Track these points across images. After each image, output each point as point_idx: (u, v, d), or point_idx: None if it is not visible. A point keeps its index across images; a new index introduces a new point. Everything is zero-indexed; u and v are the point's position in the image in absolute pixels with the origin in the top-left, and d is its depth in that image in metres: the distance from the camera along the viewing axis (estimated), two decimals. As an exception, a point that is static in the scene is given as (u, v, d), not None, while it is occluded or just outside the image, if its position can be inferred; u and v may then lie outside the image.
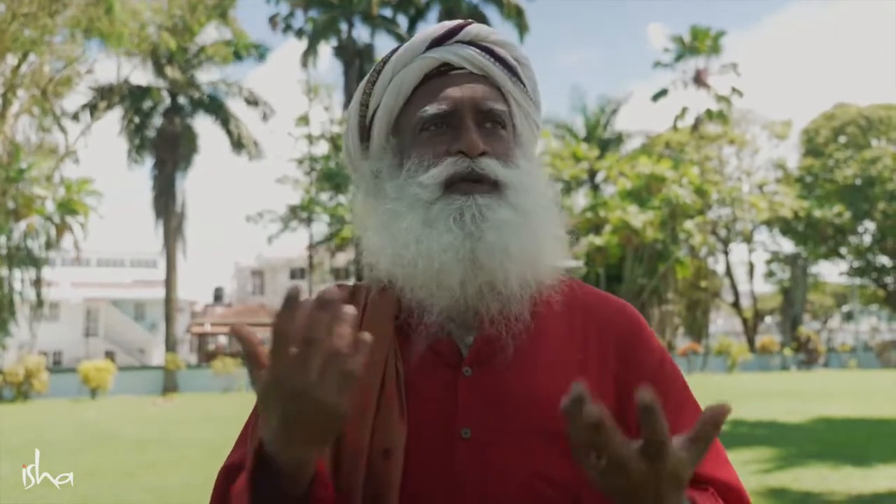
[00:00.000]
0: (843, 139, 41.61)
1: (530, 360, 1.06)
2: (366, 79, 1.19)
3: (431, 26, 1.19)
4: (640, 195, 33.27)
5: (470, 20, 1.19)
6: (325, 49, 33.98)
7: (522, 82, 1.18)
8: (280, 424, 0.83)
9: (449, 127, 1.10)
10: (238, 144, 31.98)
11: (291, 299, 0.80)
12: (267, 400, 0.83)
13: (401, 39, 33.49)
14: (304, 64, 33.26)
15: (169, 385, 27.59)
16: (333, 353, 0.79)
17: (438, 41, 1.15)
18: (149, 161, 31.96)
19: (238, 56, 31.23)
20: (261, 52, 31.87)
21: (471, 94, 1.11)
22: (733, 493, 1.07)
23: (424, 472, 1.00)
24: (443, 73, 1.14)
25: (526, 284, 1.07)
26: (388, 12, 33.84)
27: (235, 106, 32.33)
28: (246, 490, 0.89)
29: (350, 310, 0.81)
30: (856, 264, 43.08)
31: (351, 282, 1.23)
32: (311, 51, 32.63)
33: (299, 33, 33.09)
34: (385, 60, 1.17)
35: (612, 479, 0.80)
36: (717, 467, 1.06)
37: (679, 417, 1.02)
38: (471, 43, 1.16)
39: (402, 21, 33.99)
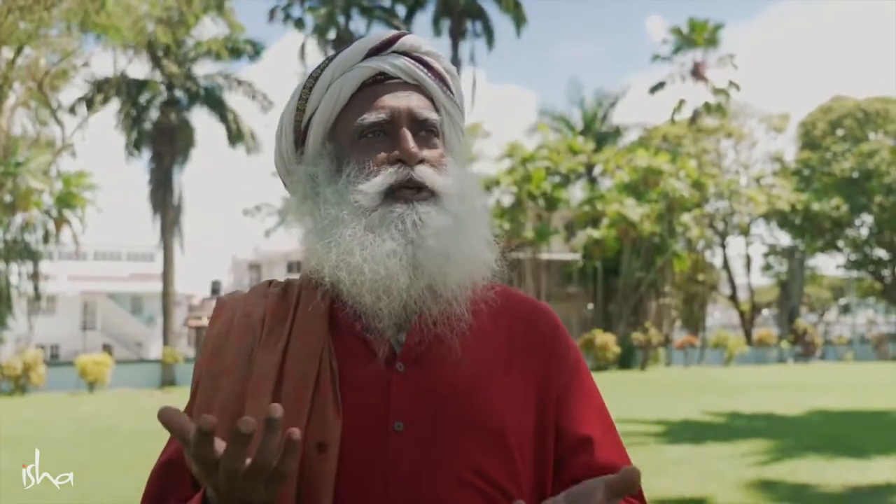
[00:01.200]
0: (840, 132, 41.60)
1: (461, 358, 1.11)
2: (301, 84, 1.22)
3: (369, 36, 1.22)
4: (637, 188, 33.26)
5: (404, 31, 1.24)
6: (324, 42, 33.87)
7: (451, 91, 1.23)
8: (217, 497, 0.92)
9: (386, 135, 1.14)
10: (235, 138, 31.90)
11: (201, 435, 0.84)
12: (203, 480, 0.91)
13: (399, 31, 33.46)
14: (302, 58, 33.22)
15: (166, 378, 27.58)
16: (260, 464, 0.87)
17: (375, 51, 1.19)
18: (146, 154, 31.89)
19: (235, 52, 31.14)
20: (256, 49, 31.79)
21: (406, 104, 1.16)
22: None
23: (359, 465, 1.04)
24: (378, 82, 1.18)
25: (463, 287, 1.12)
26: (387, 2, 33.78)
27: (233, 99, 32.25)
28: None
29: (278, 413, 0.86)
30: (853, 257, 43.13)
31: (283, 278, 1.26)
32: (318, 41, 32.59)
33: (298, 24, 33.01)
34: (322, 67, 1.20)
35: None
36: (618, 457, 1.15)
37: (583, 411, 1.16)
38: (405, 53, 1.20)
39: (401, 11, 33.92)
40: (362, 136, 1.15)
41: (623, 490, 0.89)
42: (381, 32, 1.22)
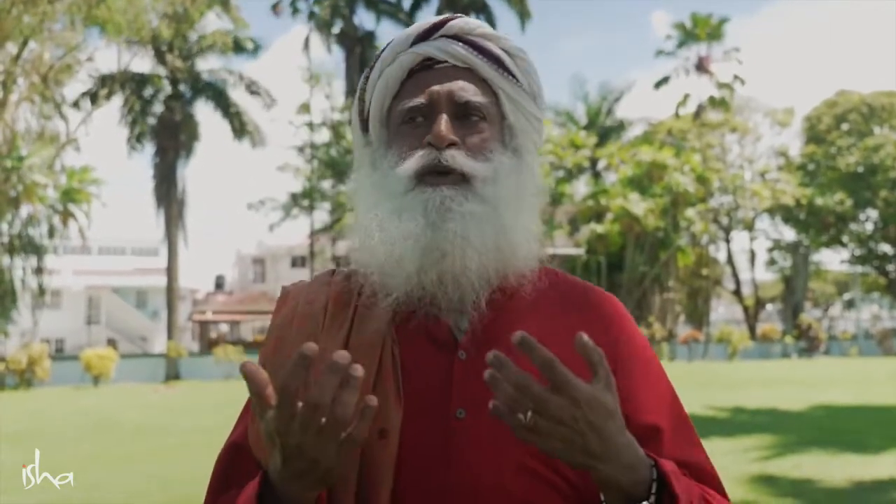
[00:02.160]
0: (845, 127, 41.49)
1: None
2: (363, 74, 1.23)
3: (419, 22, 1.21)
4: (641, 183, 33.24)
5: (456, 14, 1.22)
6: (328, 36, 33.88)
7: (511, 73, 1.19)
8: (281, 467, 0.91)
9: (426, 119, 1.14)
10: (239, 132, 31.93)
11: (303, 359, 0.84)
12: (270, 443, 0.90)
13: (404, 25, 33.44)
14: (306, 48, 33.21)
15: (171, 373, 27.65)
16: (336, 419, 0.85)
17: (423, 36, 1.18)
18: (150, 149, 31.94)
19: (237, 47, 31.14)
20: (256, 46, 31.80)
21: (448, 87, 1.14)
22: (709, 477, 1.10)
23: (420, 451, 1.04)
24: (427, 68, 1.17)
25: (487, 274, 1.10)
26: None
27: (237, 94, 32.26)
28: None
29: (358, 372, 0.85)
30: (857, 252, 43.04)
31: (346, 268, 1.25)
32: (320, 34, 32.60)
33: (311, 16, 32.98)
34: (378, 56, 1.21)
35: (547, 429, 0.87)
36: (689, 450, 1.11)
37: (650, 400, 1.11)
38: (454, 37, 1.18)
39: (406, 4, 33.88)
40: (404, 122, 1.15)
41: (586, 353, 0.88)
42: (431, 18, 1.21)
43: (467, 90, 1.15)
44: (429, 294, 1.10)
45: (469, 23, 1.20)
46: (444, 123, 1.11)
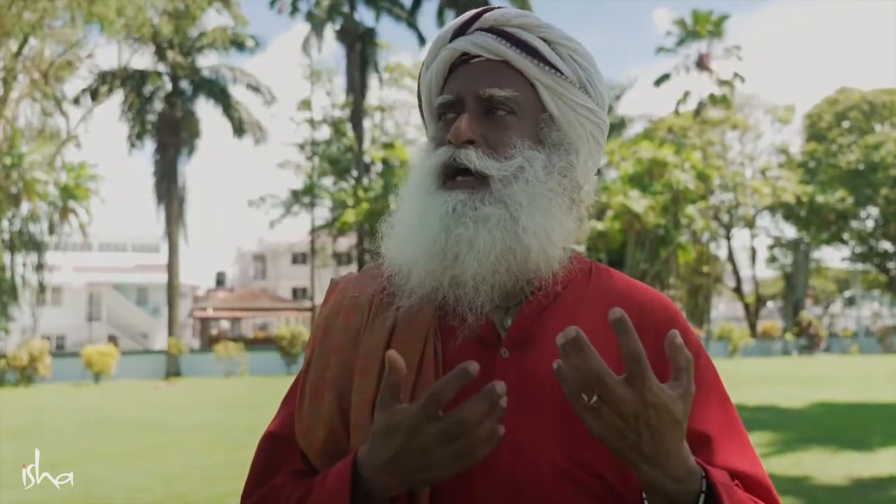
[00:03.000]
0: (846, 124, 41.47)
1: None
2: (419, 72, 1.26)
3: (460, 17, 1.20)
4: (642, 180, 33.20)
5: (492, 6, 1.20)
6: (328, 33, 33.85)
7: (551, 63, 1.15)
8: (388, 460, 0.92)
9: (456, 115, 1.14)
10: (239, 129, 31.92)
11: (465, 374, 0.87)
12: (387, 436, 0.92)
13: (404, 22, 33.42)
14: (305, 48, 33.16)
15: (171, 369, 27.67)
16: (473, 440, 0.88)
17: (460, 30, 1.18)
18: (150, 145, 31.93)
19: (237, 45, 31.12)
20: (256, 42, 31.77)
21: (473, 82, 1.13)
22: (761, 489, 1.07)
23: None
24: (464, 62, 1.17)
25: (501, 277, 1.08)
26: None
27: (238, 91, 32.26)
28: (346, 493, 0.95)
29: (503, 402, 0.88)
30: (858, 250, 43.03)
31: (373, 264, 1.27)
32: (317, 33, 32.52)
33: (309, 16, 32.94)
34: (428, 52, 1.24)
35: (605, 418, 0.87)
36: (741, 459, 1.08)
37: (700, 406, 1.06)
38: (489, 30, 1.16)
39: (406, 1, 33.82)
40: (439, 118, 1.17)
41: (675, 354, 0.89)
42: (470, 11, 1.20)
43: (493, 84, 1.12)
44: (447, 296, 1.10)
45: (506, 13, 1.17)
46: (464, 120, 1.10)
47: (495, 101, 1.12)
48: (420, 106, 1.27)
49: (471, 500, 1.02)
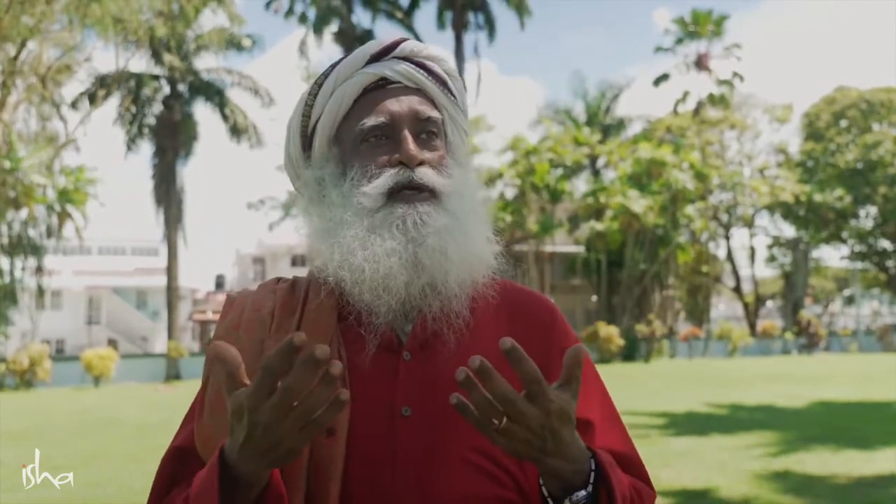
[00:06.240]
0: (844, 123, 41.49)
1: (465, 347, 1.15)
2: (307, 90, 1.26)
3: (370, 43, 1.26)
4: (640, 180, 33.23)
5: (405, 37, 1.27)
6: (326, 35, 33.85)
7: (452, 94, 1.26)
8: (243, 443, 0.93)
9: (388, 138, 1.19)
10: (236, 131, 31.88)
11: (290, 346, 0.87)
12: (236, 419, 0.92)
13: (401, 24, 33.41)
14: (302, 50, 33.17)
15: (171, 372, 27.65)
16: (307, 407, 0.88)
17: (376, 57, 1.23)
18: (149, 149, 31.89)
19: (234, 45, 31.09)
20: (253, 42, 31.74)
21: (408, 107, 1.20)
22: (634, 467, 1.19)
23: (367, 449, 1.09)
24: (380, 87, 1.22)
25: (463, 283, 1.16)
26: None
27: (236, 94, 32.21)
28: (214, 489, 0.97)
29: (337, 369, 0.87)
30: (857, 248, 43.06)
31: (289, 276, 1.31)
32: (316, 34, 32.54)
33: (302, 18, 32.95)
34: (326, 74, 1.25)
35: (517, 434, 0.93)
36: (618, 441, 1.19)
37: (581, 396, 1.11)
38: (405, 58, 1.24)
39: (404, 2, 33.81)
40: (364, 140, 1.19)
41: (572, 365, 0.93)
42: (381, 39, 1.26)
43: (425, 109, 1.21)
44: (416, 306, 1.15)
45: (418, 45, 1.26)
46: (411, 143, 1.16)
47: (429, 124, 1.21)
48: (306, 125, 1.26)
49: (380, 494, 1.07)
